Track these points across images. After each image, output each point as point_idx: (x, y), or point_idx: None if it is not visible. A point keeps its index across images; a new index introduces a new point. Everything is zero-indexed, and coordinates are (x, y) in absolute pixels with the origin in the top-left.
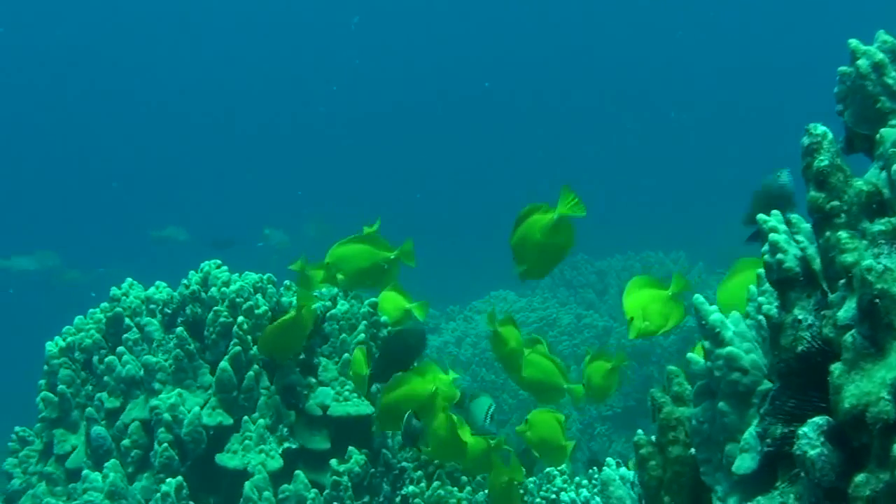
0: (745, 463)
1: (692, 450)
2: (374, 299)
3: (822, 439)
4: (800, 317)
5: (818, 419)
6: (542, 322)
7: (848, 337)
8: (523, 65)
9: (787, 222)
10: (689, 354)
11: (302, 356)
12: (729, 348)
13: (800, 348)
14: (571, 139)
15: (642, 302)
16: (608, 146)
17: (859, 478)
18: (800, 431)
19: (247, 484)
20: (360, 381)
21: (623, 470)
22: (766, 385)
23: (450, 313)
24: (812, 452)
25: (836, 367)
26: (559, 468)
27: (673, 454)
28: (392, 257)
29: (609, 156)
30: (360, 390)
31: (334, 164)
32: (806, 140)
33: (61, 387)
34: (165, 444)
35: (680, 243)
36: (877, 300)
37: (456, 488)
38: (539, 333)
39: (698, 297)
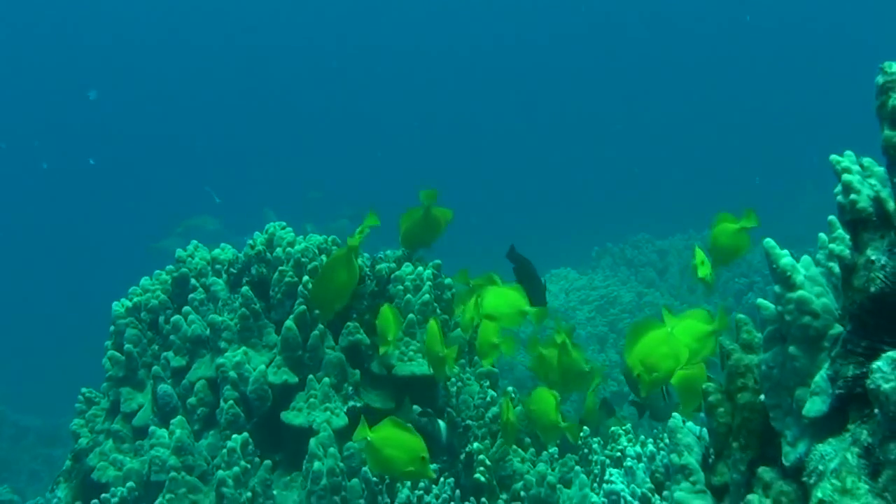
0: (815, 406)
1: (761, 396)
2: (438, 261)
3: None
4: (873, 257)
5: (893, 353)
6: (602, 300)
7: None
8: (565, 43)
9: (860, 165)
10: (760, 300)
11: (367, 316)
12: (800, 292)
13: (873, 289)
14: (636, 116)
15: (642, 353)
16: (671, 124)
17: None
18: (873, 366)
19: (312, 440)
20: (436, 362)
21: (689, 423)
22: (838, 329)
23: None
24: (886, 386)
25: None
26: (624, 427)
27: (742, 400)
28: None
29: (673, 134)
30: (438, 374)
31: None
32: (880, 79)
33: (128, 346)
34: (231, 402)
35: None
36: None
37: (520, 449)
38: (600, 311)
39: (769, 241)
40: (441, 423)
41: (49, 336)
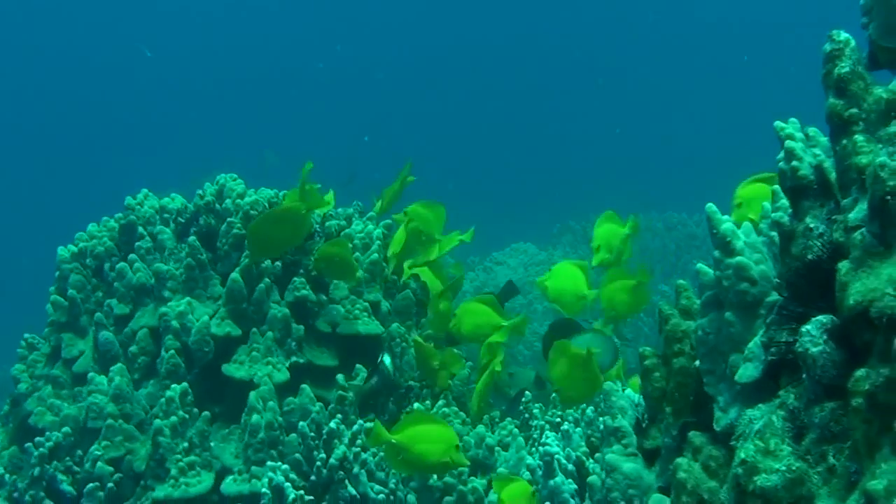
0: (748, 371)
1: (696, 362)
2: (388, 221)
3: (824, 337)
4: (811, 225)
5: (821, 317)
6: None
7: (857, 235)
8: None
9: (805, 135)
10: (699, 265)
11: (314, 272)
12: (739, 258)
13: (810, 256)
14: (593, 93)
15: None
16: (635, 104)
17: (859, 372)
18: (802, 329)
19: (252, 394)
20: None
21: (629, 391)
22: (775, 297)
23: (469, 264)
24: (814, 349)
25: (843, 265)
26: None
27: (677, 365)
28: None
29: (634, 114)
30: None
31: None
32: (828, 46)
33: (71, 291)
34: (172, 351)
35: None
36: (888, 197)
37: (460, 410)
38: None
39: (711, 206)
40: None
41: (2, 282)
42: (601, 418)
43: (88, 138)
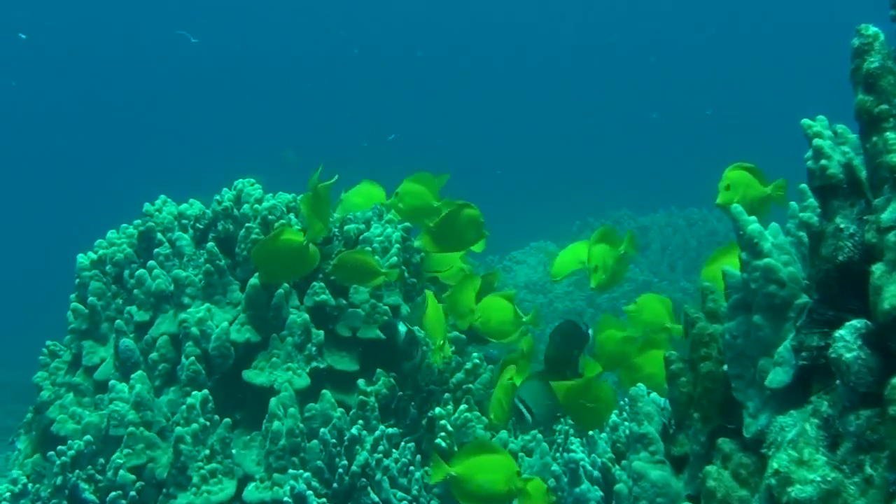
0: (778, 377)
1: (724, 366)
2: (407, 224)
3: (859, 342)
4: (842, 225)
5: (855, 322)
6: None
7: (891, 236)
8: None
9: (834, 132)
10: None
11: (333, 277)
12: (767, 260)
13: (840, 257)
14: (616, 95)
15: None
16: (657, 102)
17: None
18: (836, 334)
19: (272, 400)
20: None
21: (654, 394)
22: (804, 299)
23: (489, 263)
24: (848, 355)
25: (877, 268)
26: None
27: (704, 370)
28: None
29: (657, 112)
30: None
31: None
32: (856, 41)
33: (91, 298)
34: (192, 358)
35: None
36: None
37: (482, 415)
38: (577, 286)
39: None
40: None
41: (25, 290)
42: (626, 424)
43: (108, 145)
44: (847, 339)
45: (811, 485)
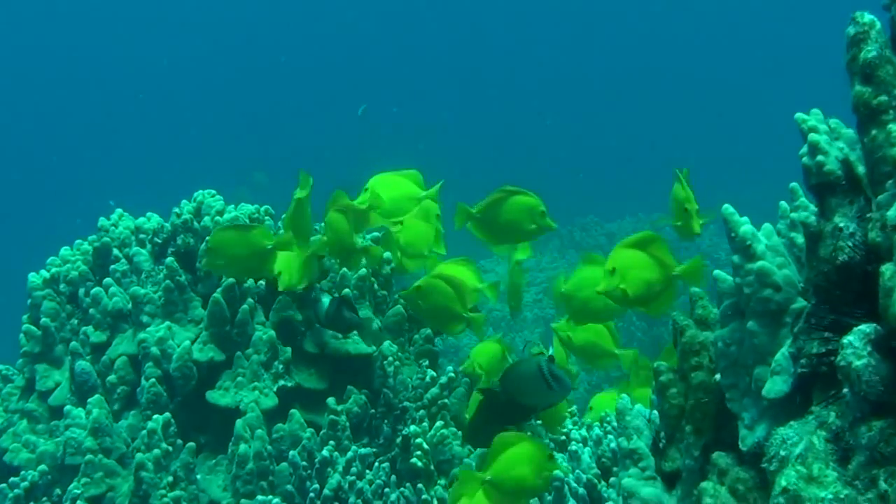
0: (776, 386)
1: (717, 376)
2: (376, 234)
3: (868, 349)
4: (841, 224)
5: (864, 327)
6: (549, 282)
7: None
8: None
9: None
10: (717, 271)
11: (300, 288)
12: (760, 262)
13: (841, 258)
14: (587, 98)
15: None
16: (624, 107)
17: None
18: (844, 341)
19: (238, 422)
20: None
21: (639, 406)
22: (801, 303)
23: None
24: (858, 363)
25: (886, 269)
26: (568, 410)
27: (696, 380)
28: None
29: (623, 117)
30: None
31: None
32: (851, 29)
33: (44, 320)
34: (153, 380)
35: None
36: None
37: (459, 430)
38: (546, 293)
39: (728, 208)
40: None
41: None
42: (610, 437)
43: (61, 158)
44: (856, 346)
45: (823, 503)
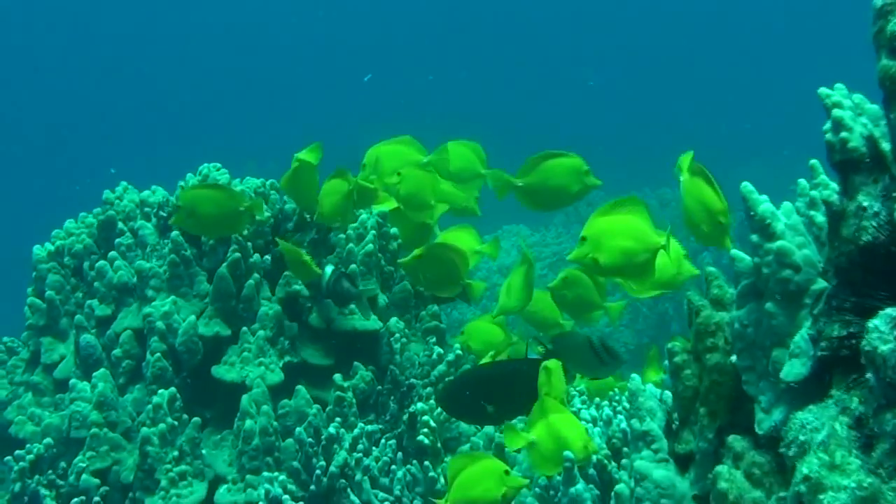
0: (794, 369)
1: (733, 357)
2: (384, 209)
3: (895, 333)
4: (865, 203)
5: (890, 310)
6: (555, 257)
7: None
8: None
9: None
10: (734, 251)
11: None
12: (780, 242)
13: (864, 238)
14: (592, 71)
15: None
16: (628, 80)
17: None
18: (869, 324)
19: (244, 398)
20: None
21: (650, 385)
22: (821, 284)
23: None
24: (884, 347)
25: None
26: (578, 388)
27: (711, 362)
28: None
29: (628, 91)
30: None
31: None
32: (878, 1)
33: (49, 292)
34: (158, 354)
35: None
36: None
37: None
38: (552, 268)
39: (746, 185)
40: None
41: None
42: (620, 416)
43: (67, 133)
44: (882, 330)
45: (845, 491)
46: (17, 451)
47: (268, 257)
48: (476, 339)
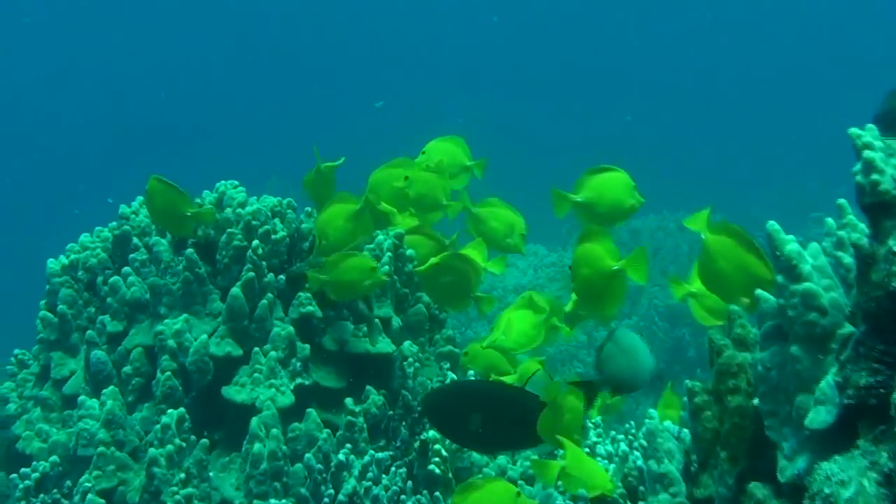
0: (819, 416)
1: (755, 400)
2: (400, 230)
3: None
4: (895, 248)
5: None
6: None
7: None
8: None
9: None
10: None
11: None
12: (807, 284)
13: (894, 285)
14: (609, 95)
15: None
16: (648, 104)
17: None
18: None
19: (254, 420)
20: None
21: (668, 423)
22: (849, 329)
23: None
24: None
25: None
26: (593, 420)
27: (733, 404)
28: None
29: (648, 113)
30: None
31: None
32: None
33: (61, 307)
34: (168, 373)
35: (719, 205)
36: None
37: None
38: (568, 289)
39: (773, 224)
40: None
41: (7, 286)
42: (636, 453)
43: (86, 146)
44: None
45: None
46: (22, 470)
47: (282, 277)
48: (478, 363)
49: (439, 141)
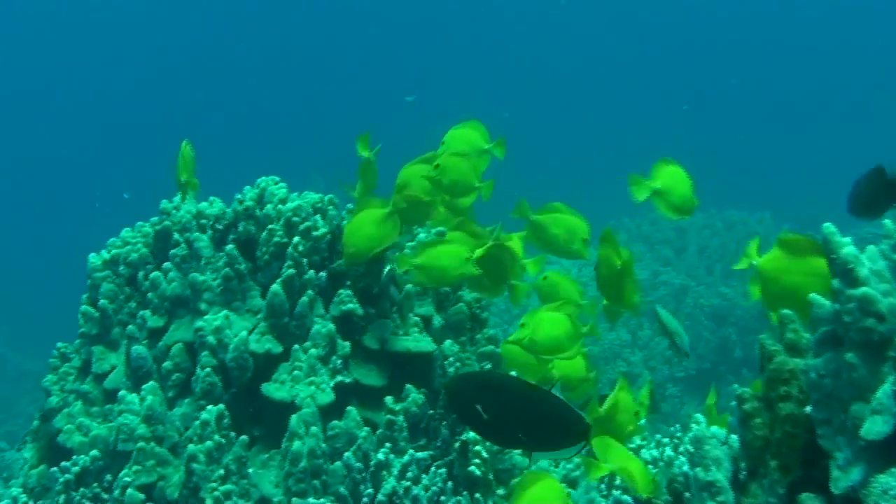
0: (876, 426)
1: (808, 408)
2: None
3: None
4: None
5: None
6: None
7: None
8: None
9: None
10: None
11: (360, 284)
12: (864, 289)
13: None
14: (656, 92)
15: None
16: (698, 100)
17: None
18: None
19: (293, 417)
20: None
21: (714, 428)
22: None
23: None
24: None
25: None
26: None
27: (784, 412)
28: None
29: (697, 109)
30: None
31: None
32: None
33: (103, 301)
34: (208, 370)
35: (766, 203)
36: None
37: None
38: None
39: (829, 227)
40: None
41: (54, 279)
42: (682, 458)
43: (130, 140)
44: None
45: None
46: (62, 463)
47: (323, 274)
48: (512, 363)
49: (456, 128)
